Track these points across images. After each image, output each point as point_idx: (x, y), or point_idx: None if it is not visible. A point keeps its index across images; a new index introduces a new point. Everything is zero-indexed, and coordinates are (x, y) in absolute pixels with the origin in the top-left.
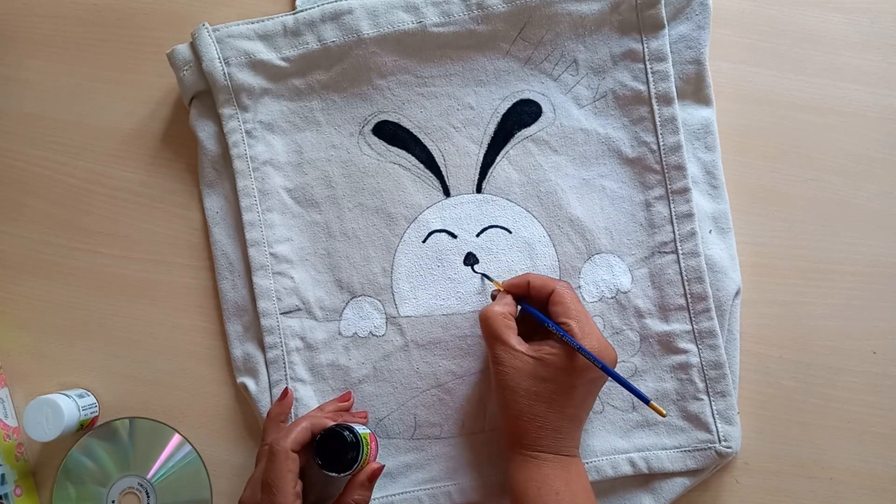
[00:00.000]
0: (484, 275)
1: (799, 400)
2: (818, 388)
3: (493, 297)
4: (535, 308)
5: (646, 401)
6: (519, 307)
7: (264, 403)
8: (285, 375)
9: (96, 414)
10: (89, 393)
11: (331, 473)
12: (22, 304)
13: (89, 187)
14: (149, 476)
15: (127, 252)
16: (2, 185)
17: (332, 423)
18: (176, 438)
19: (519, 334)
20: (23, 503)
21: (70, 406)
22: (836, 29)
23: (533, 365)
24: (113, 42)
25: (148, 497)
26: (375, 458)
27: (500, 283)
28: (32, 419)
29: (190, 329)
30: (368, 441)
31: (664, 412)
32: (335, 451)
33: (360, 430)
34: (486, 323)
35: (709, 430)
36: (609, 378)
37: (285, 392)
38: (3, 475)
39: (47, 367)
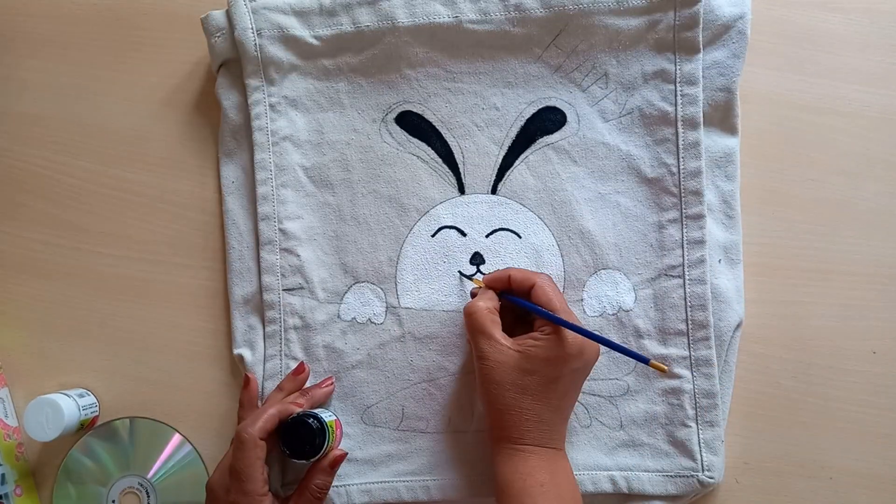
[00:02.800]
0: (463, 274)
1: (799, 400)
2: (818, 388)
3: (473, 296)
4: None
5: (645, 361)
6: (500, 302)
7: (258, 376)
8: (280, 351)
9: (96, 414)
10: (89, 393)
11: (296, 461)
12: (22, 304)
13: (89, 187)
14: (149, 476)
15: (127, 252)
16: (1, 185)
17: (298, 410)
18: (176, 438)
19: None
20: (23, 503)
21: (70, 406)
22: (836, 29)
23: (518, 358)
24: (113, 42)
25: (148, 497)
26: (339, 443)
27: (481, 279)
28: (32, 419)
29: (190, 329)
30: (334, 428)
31: (665, 367)
32: (301, 439)
33: (326, 417)
34: (470, 318)
35: (693, 458)
36: (593, 366)
37: (247, 380)
38: (3, 475)
39: (47, 367)
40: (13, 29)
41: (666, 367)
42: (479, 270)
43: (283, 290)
